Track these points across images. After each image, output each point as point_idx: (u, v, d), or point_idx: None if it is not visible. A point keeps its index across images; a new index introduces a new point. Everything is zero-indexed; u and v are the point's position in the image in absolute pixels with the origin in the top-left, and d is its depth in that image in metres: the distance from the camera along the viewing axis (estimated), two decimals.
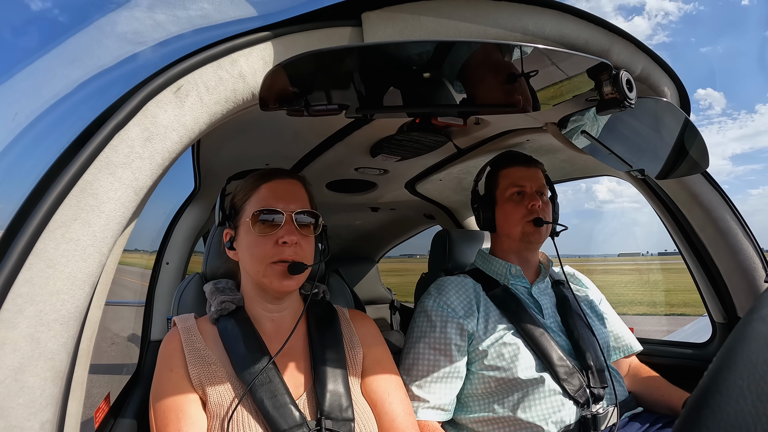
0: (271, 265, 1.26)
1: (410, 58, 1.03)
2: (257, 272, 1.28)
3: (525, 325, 1.60)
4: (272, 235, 1.27)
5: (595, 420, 1.50)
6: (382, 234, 4.31)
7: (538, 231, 1.74)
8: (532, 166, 1.82)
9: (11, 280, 0.68)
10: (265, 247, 1.26)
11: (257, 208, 1.28)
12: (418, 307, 1.76)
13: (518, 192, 1.78)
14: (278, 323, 1.37)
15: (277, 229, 1.27)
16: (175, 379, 1.20)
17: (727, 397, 0.38)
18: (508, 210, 1.79)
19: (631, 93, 1.10)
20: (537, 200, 1.74)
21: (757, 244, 1.83)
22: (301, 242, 1.29)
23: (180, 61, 0.94)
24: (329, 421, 1.20)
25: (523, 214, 1.75)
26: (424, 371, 1.57)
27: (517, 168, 1.82)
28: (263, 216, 1.27)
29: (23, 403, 0.66)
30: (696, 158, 1.53)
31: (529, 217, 1.73)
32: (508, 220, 1.79)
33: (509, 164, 1.84)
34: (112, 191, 0.81)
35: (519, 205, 1.76)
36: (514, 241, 1.80)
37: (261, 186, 1.33)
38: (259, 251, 1.27)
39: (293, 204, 1.31)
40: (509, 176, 1.81)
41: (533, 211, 1.73)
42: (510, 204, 1.78)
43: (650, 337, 2.34)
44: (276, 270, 1.26)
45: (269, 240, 1.27)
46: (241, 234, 1.33)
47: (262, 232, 1.27)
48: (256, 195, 1.32)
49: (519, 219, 1.75)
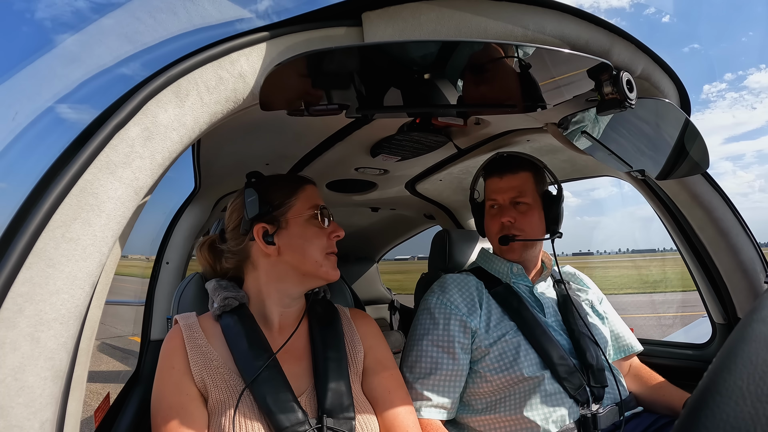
0: (327, 256, 1.36)
1: (411, 58, 1.03)
2: (315, 261, 1.35)
3: (526, 324, 1.60)
4: (326, 229, 1.37)
5: (595, 419, 1.50)
6: (382, 234, 4.31)
7: (510, 247, 1.75)
8: (506, 174, 1.80)
9: (11, 280, 0.68)
10: (323, 239, 1.36)
11: (312, 203, 1.38)
12: (421, 305, 1.76)
13: (492, 205, 1.81)
14: (282, 321, 1.38)
15: (327, 224, 1.38)
16: (177, 376, 1.21)
17: (726, 398, 0.38)
18: (487, 222, 1.85)
19: (631, 93, 1.11)
20: (506, 215, 1.74)
21: (758, 244, 1.83)
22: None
23: (180, 60, 0.94)
24: (331, 419, 1.20)
25: (496, 230, 1.78)
26: (427, 369, 1.57)
27: (492, 179, 1.83)
28: (323, 211, 1.38)
29: (23, 402, 0.66)
30: (696, 159, 1.53)
31: (500, 233, 1.76)
32: (488, 232, 1.85)
33: (488, 174, 1.85)
34: (112, 191, 0.81)
35: (494, 219, 1.79)
36: (498, 249, 1.83)
37: (306, 185, 1.42)
38: (319, 242, 1.35)
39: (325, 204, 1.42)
40: (487, 187, 1.84)
41: (503, 228, 1.75)
42: (488, 216, 1.83)
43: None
44: (331, 260, 1.38)
45: (325, 233, 1.37)
46: (292, 227, 1.35)
47: (319, 226, 1.36)
48: (304, 193, 1.39)
49: (494, 233, 1.79)
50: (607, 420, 1.53)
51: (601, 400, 1.55)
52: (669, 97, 1.40)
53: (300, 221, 1.35)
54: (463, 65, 1.05)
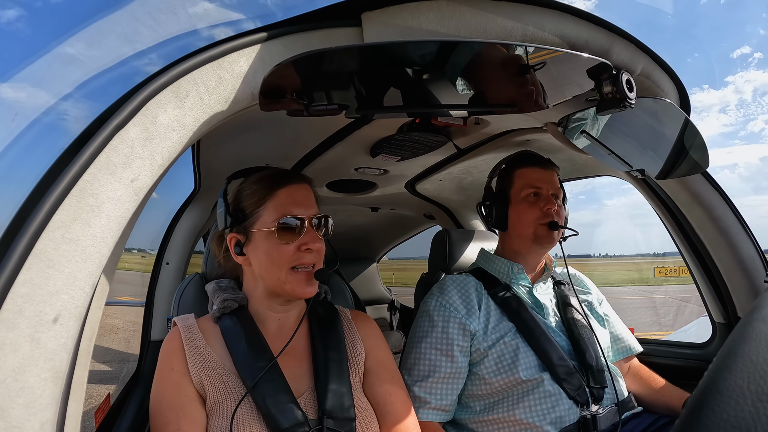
0: (291, 272, 1.27)
1: (410, 58, 1.03)
2: (277, 278, 1.28)
3: (526, 325, 1.60)
4: (295, 242, 1.27)
5: (595, 420, 1.50)
6: (382, 234, 4.31)
7: (551, 234, 1.73)
8: (549, 168, 1.81)
9: (11, 280, 0.68)
10: (287, 253, 1.27)
11: (279, 214, 1.28)
12: (421, 307, 1.76)
13: (534, 193, 1.77)
14: (281, 323, 1.37)
15: (298, 236, 1.28)
16: (176, 377, 1.21)
17: (727, 397, 0.38)
18: (522, 210, 1.77)
19: (631, 93, 1.11)
20: (552, 203, 1.73)
21: (758, 243, 1.83)
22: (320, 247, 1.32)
23: (180, 61, 0.93)
24: (331, 421, 1.20)
25: (537, 216, 1.73)
26: (426, 372, 1.57)
27: (535, 169, 1.80)
28: (286, 223, 1.27)
29: (23, 403, 0.66)
30: (696, 158, 1.52)
31: (544, 220, 1.72)
32: (521, 221, 1.77)
33: (526, 164, 1.83)
34: (112, 191, 0.80)
35: (533, 207, 1.75)
36: (525, 241, 1.79)
37: (277, 191, 1.31)
38: (280, 257, 1.27)
39: (311, 209, 1.32)
40: (526, 176, 1.80)
41: (548, 215, 1.72)
42: (524, 204, 1.77)
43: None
44: (298, 276, 1.27)
45: (291, 247, 1.27)
46: (256, 240, 1.30)
47: (285, 240, 1.27)
48: (274, 201, 1.30)
49: (532, 221, 1.74)
50: (606, 420, 1.53)
51: (601, 400, 1.55)
52: (669, 96, 1.40)
53: (263, 234, 1.28)
54: (463, 65, 1.05)
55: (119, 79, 0.96)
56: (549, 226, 1.72)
